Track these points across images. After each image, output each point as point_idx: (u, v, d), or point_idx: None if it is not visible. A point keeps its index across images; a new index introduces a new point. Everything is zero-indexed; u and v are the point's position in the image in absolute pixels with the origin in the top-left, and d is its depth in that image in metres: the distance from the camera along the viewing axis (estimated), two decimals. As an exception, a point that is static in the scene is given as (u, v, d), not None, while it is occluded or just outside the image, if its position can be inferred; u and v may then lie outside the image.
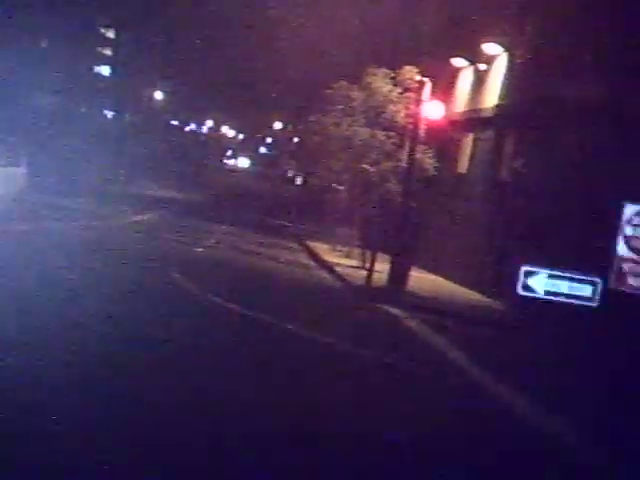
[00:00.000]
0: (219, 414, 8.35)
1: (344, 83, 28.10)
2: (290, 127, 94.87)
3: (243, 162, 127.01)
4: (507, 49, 26.57)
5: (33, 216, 24.14)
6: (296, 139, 76.35)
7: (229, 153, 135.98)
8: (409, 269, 22.59)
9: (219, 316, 14.17)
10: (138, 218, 31.81)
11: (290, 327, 13.94)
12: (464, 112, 29.62)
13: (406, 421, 9.58)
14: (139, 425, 7.57)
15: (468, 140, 29.38)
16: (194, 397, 8.80)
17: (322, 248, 33.11)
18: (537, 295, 19.43)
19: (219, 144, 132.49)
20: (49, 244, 19.03)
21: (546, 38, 23.87)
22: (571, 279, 19.37)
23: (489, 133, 27.51)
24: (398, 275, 22.16)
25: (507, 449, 9.30)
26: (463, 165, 29.56)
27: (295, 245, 35.81)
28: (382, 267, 22.92)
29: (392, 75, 27.22)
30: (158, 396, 8.51)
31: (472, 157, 28.84)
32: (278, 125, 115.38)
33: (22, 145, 29.14)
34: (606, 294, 18.89)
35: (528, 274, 19.25)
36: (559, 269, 19.72)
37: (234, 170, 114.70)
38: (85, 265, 17.00)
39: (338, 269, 25.89)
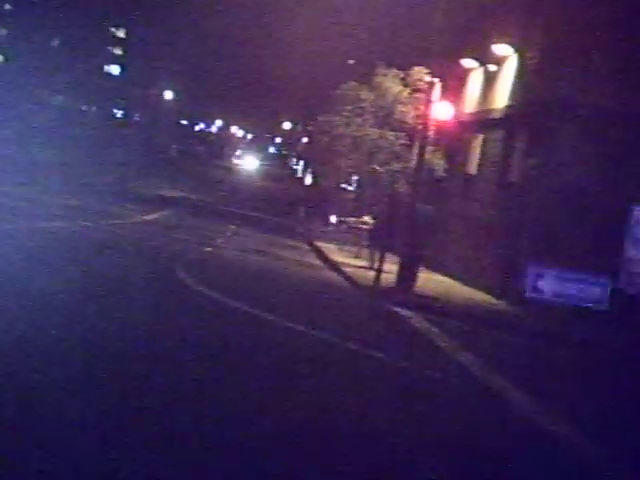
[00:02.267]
0: (223, 417, 8.33)
1: (354, 83, 28.11)
2: (299, 127, 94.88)
3: (252, 162, 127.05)
4: (517, 50, 26.52)
5: (45, 215, 24.21)
6: (305, 139, 76.33)
7: (238, 152, 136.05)
8: (418, 270, 22.56)
9: (225, 314, 14.17)
10: (147, 217, 31.85)
11: (297, 327, 13.93)
12: (474, 113, 29.59)
13: (410, 421, 9.58)
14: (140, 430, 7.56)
15: (478, 141, 29.33)
16: (197, 400, 8.80)
17: (331, 248, 33.11)
18: (546, 297, 19.43)
19: (228, 144, 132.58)
20: (56, 243, 19.06)
21: (556, 39, 23.83)
22: (580, 281, 19.34)
23: (499, 134, 27.46)
24: (407, 275, 22.13)
25: (508, 449, 9.29)
26: (473, 166, 29.52)
27: (304, 245, 35.81)
28: (391, 267, 22.91)
29: (402, 76, 27.21)
30: (160, 399, 8.50)
31: (482, 158, 28.80)
32: (287, 125, 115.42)
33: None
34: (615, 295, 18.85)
35: (537, 276, 19.24)
36: (568, 271, 19.70)
37: (243, 170, 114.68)
38: (92, 264, 17.03)
39: (347, 269, 25.88)
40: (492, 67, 28.37)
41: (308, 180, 68.57)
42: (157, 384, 8.94)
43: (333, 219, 38.86)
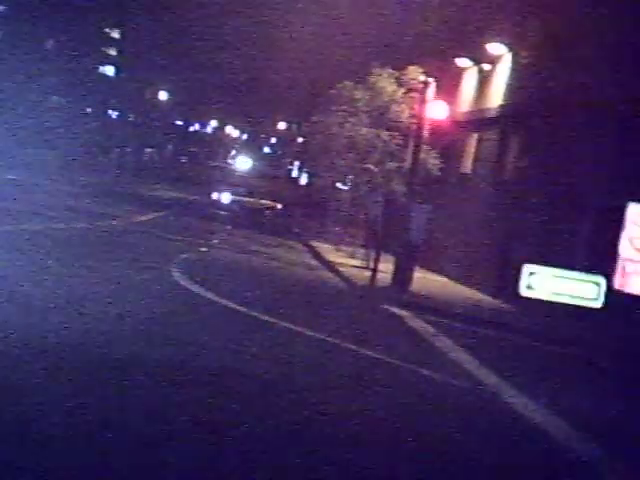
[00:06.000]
0: (220, 419, 8.32)
1: (348, 83, 28.12)
2: (294, 127, 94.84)
3: (247, 162, 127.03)
4: (511, 49, 26.56)
5: (42, 217, 24.19)
6: (300, 139, 76.36)
7: (233, 153, 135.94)
8: (413, 269, 22.58)
9: (221, 315, 14.17)
10: (142, 218, 31.83)
11: (293, 327, 13.93)
12: (468, 112, 29.62)
13: (408, 421, 9.58)
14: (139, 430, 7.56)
15: (472, 140, 29.36)
16: (197, 400, 8.80)
17: (326, 248, 33.10)
18: (540, 295, 19.43)
19: (223, 144, 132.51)
20: (53, 245, 19.05)
21: (550, 38, 23.86)
22: (575, 279, 19.34)
23: (493, 133, 27.50)
24: (402, 275, 22.15)
25: (508, 449, 9.30)
26: (467, 165, 29.56)
27: (299, 245, 35.81)
28: (386, 267, 22.92)
29: (396, 75, 27.25)
30: (159, 398, 8.50)
31: (476, 157, 28.83)
32: (282, 125, 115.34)
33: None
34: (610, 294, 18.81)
35: (531, 274, 19.24)
36: (563, 269, 19.70)
37: (238, 170, 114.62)
38: (89, 265, 17.02)
39: (342, 269, 25.88)
40: (486, 66, 28.40)
41: (303, 180, 68.53)
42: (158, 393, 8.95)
43: (226, 197, 39.28)
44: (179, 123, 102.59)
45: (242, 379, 9.94)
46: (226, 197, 42.72)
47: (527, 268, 18.93)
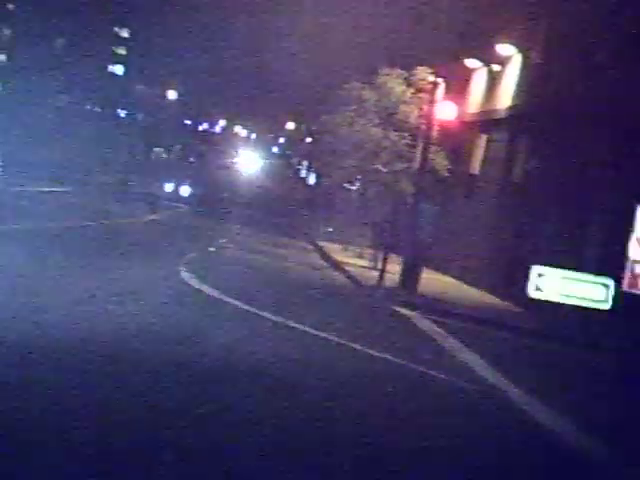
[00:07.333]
0: (223, 419, 8.30)
1: (357, 83, 28.10)
2: (303, 127, 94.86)
3: (255, 161, 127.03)
4: (521, 50, 26.49)
5: (50, 215, 24.27)
6: (309, 139, 76.38)
7: (241, 152, 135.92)
8: (421, 270, 22.54)
9: (230, 315, 14.16)
10: (150, 217, 31.88)
11: (301, 327, 13.91)
12: (477, 113, 29.55)
13: (413, 421, 9.56)
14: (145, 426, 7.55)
15: (481, 141, 29.30)
16: (201, 401, 8.79)
17: (334, 248, 33.08)
18: (549, 297, 19.37)
19: (232, 143, 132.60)
20: (61, 242, 19.07)
21: (560, 39, 23.80)
22: (583, 281, 19.29)
23: (502, 134, 27.43)
24: (410, 276, 22.11)
25: (510, 449, 9.28)
26: (476, 166, 29.49)
27: (307, 245, 35.81)
28: (394, 268, 22.88)
29: (405, 76, 27.21)
30: (164, 398, 8.49)
31: (485, 158, 28.77)
32: (291, 125, 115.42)
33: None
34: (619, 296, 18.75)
35: (540, 276, 19.19)
36: (572, 271, 19.65)
37: (246, 169, 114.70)
38: (98, 263, 17.03)
39: (350, 269, 25.85)
40: (496, 67, 28.33)
41: (312, 180, 68.55)
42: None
43: (184, 190, 40.33)
44: (188, 122, 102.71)
45: (245, 377, 9.93)
46: (185, 190, 43.66)
47: (535, 270, 18.89)
